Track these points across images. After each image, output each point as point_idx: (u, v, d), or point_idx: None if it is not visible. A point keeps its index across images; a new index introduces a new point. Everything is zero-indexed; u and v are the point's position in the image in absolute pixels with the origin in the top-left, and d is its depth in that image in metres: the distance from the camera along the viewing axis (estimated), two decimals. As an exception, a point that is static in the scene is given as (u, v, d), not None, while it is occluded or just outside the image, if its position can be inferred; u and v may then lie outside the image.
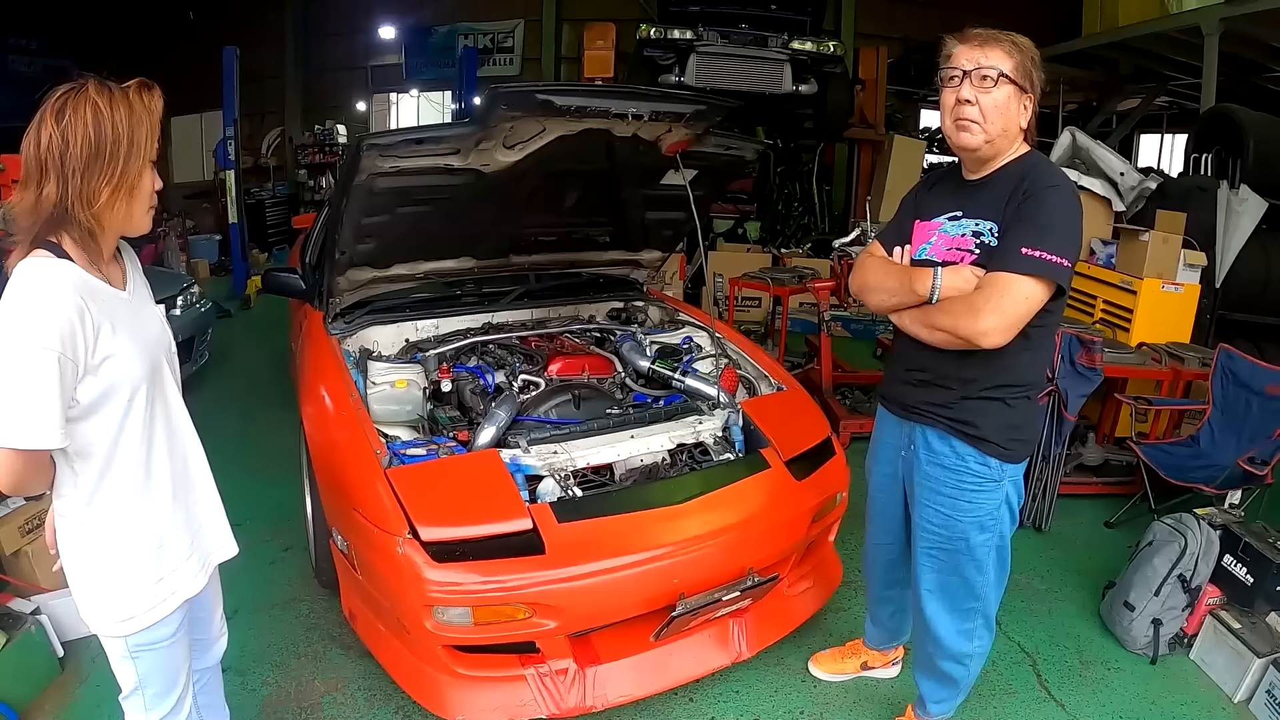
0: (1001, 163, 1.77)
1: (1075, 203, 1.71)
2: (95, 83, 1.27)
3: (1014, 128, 1.73)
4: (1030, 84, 1.72)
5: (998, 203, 1.73)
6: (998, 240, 1.72)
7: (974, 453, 1.82)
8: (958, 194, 1.84)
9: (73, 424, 1.28)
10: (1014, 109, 1.71)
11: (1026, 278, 1.64)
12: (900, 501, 2.05)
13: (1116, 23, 5.60)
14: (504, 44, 11.50)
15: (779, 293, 5.29)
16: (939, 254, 1.81)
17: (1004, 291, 1.65)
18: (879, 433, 2.09)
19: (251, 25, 10.41)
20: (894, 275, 1.87)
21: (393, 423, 2.51)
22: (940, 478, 1.87)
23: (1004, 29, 1.74)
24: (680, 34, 6.17)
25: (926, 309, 1.79)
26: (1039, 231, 1.65)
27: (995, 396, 1.79)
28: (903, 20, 10.46)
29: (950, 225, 1.81)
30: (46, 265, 1.23)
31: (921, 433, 1.89)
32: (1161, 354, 3.80)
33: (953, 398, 1.82)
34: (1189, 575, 2.62)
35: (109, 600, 1.41)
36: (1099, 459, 3.83)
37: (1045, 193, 1.67)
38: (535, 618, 1.90)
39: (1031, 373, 1.82)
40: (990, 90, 1.69)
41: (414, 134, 2.23)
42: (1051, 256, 1.64)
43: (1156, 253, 3.99)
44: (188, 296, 4.80)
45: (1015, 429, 1.82)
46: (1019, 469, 1.88)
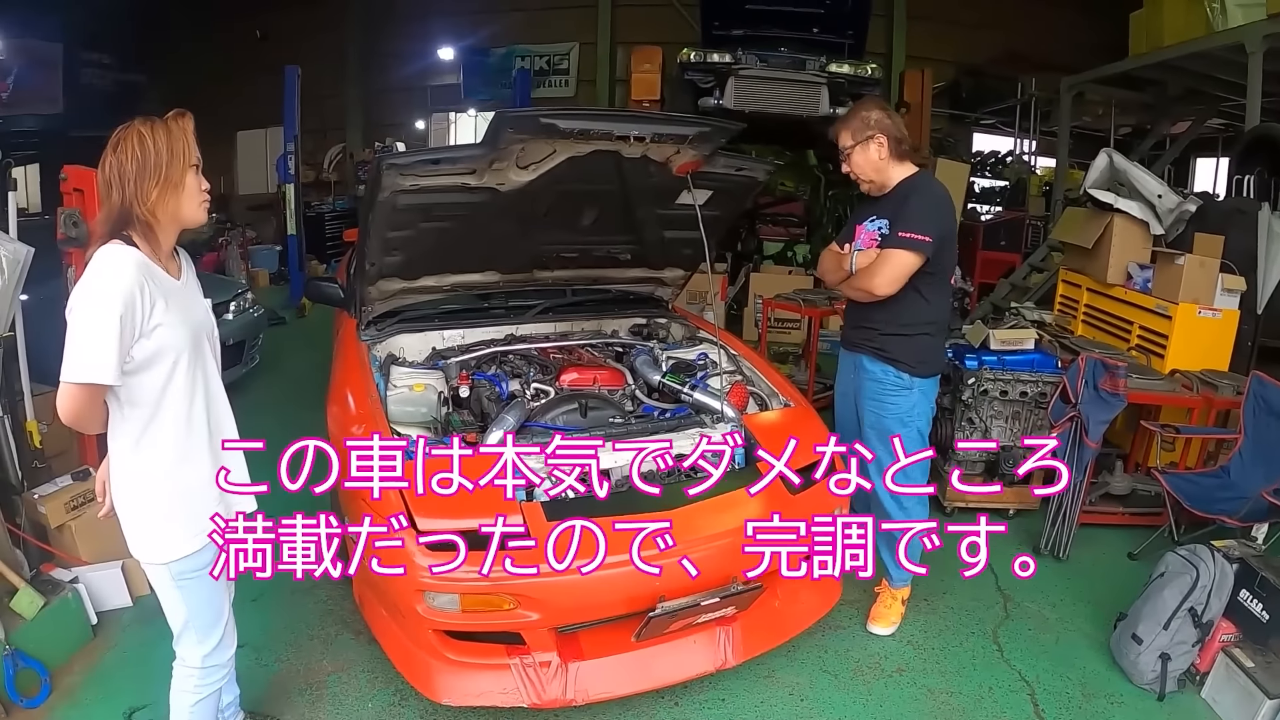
0: (893, 184, 2.65)
1: (935, 201, 2.59)
2: (141, 119, 1.65)
3: (879, 163, 2.62)
4: (867, 133, 2.59)
5: (890, 208, 2.62)
6: (889, 231, 2.58)
7: (891, 369, 2.66)
8: (875, 205, 2.72)
9: (128, 376, 1.60)
10: (871, 155, 2.61)
11: (901, 250, 2.51)
12: (853, 411, 2.84)
13: (1162, 43, 5.48)
14: (559, 66, 11.80)
15: (810, 314, 5.33)
16: (863, 244, 2.68)
17: (887, 260, 2.54)
18: (840, 365, 2.94)
19: (315, 46, 10.91)
20: (835, 260, 2.78)
21: (409, 424, 2.64)
22: (872, 388, 2.72)
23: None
24: (720, 57, 6.29)
25: (851, 278, 2.66)
26: (908, 220, 2.51)
27: (900, 333, 2.65)
28: (954, 44, 10.40)
29: (869, 224, 2.68)
30: (118, 249, 1.58)
31: (860, 359, 2.76)
32: (1194, 381, 3.69)
33: (874, 335, 2.69)
34: (1200, 609, 2.55)
35: (151, 531, 1.72)
36: (1126, 488, 3.74)
37: (912, 197, 2.58)
38: (520, 609, 2.00)
39: (925, 314, 2.64)
40: (850, 158, 2.66)
41: (431, 154, 2.38)
42: (917, 235, 2.49)
43: (1193, 277, 3.88)
44: (240, 302, 5.10)
45: (918, 353, 2.66)
46: (928, 381, 2.71)
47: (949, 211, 2.67)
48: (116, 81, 10.86)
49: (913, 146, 2.77)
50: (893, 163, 2.63)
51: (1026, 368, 3.73)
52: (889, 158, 2.62)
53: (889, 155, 2.61)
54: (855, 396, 2.81)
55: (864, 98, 2.91)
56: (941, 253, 2.59)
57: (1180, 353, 3.96)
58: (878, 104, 2.73)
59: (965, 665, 2.69)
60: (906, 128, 2.73)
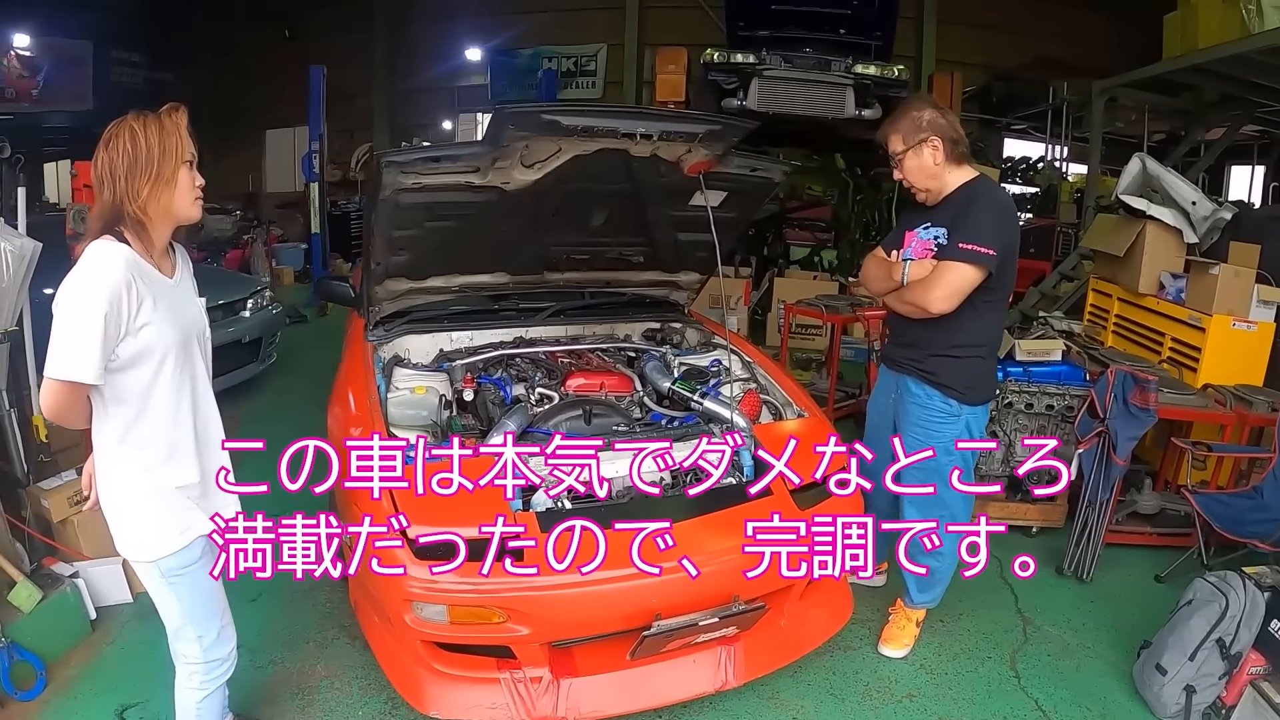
0: (949, 190, 2.45)
1: (999, 211, 2.40)
2: (134, 114, 1.63)
3: (934, 169, 2.41)
4: (920, 136, 2.38)
5: (948, 216, 2.42)
6: (947, 240, 2.39)
7: (937, 395, 2.47)
8: (927, 210, 2.52)
9: (113, 374, 1.58)
10: (926, 161, 2.40)
11: (961, 263, 2.31)
12: (887, 428, 2.64)
13: (1196, 45, 5.30)
14: (586, 67, 11.81)
15: (832, 320, 5.22)
16: (915, 253, 2.48)
17: (946, 273, 2.33)
18: (878, 383, 2.79)
19: (343, 45, 11.04)
20: (883, 268, 2.58)
21: (408, 427, 2.60)
22: (916, 413, 2.53)
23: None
24: (743, 58, 6.19)
25: (901, 290, 2.47)
26: (970, 231, 2.30)
27: (951, 354, 2.46)
28: (986, 48, 10.24)
29: (923, 232, 2.49)
30: (107, 246, 1.57)
31: (904, 381, 2.57)
32: (1227, 396, 3.53)
33: (922, 356, 2.50)
34: (1228, 640, 2.41)
35: (136, 529, 1.70)
36: (1155, 507, 3.58)
37: (975, 205, 2.36)
38: (509, 623, 1.94)
39: (978, 335, 2.47)
40: (902, 164, 2.45)
41: (431, 152, 2.34)
42: (979, 248, 2.28)
43: (1227, 287, 3.74)
44: (258, 299, 5.11)
45: (968, 377, 2.47)
46: (978, 410, 2.53)
47: (1013, 221, 2.47)
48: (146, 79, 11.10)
49: (970, 148, 2.56)
50: (949, 167, 2.41)
51: (1053, 380, 3.60)
52: (945, 162, 2.40)
53: (945, 159, 2.40)
54: (894, 419, 2.63)
55: (913, 96, 2.68)
56: (1004, 267, 2.36)
57: (1213, 366, 3.82)
58: (929, 102, 2.48)
59: (980, 693, 2.58)
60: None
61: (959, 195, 2.42)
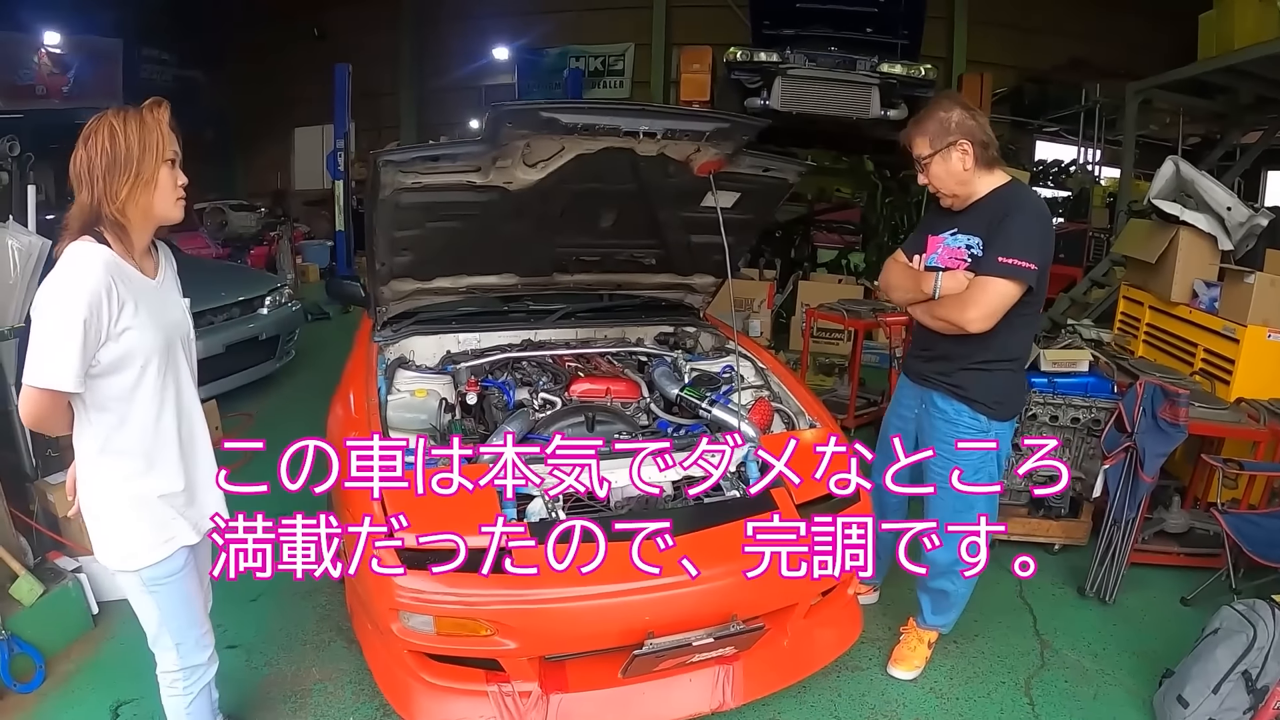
0: (980, 195, 2.29)
1: (1039, 221, 2.24)
2: (114, 109, 1.56)
3: (963, 174, 2.25)
4: (948, 139, 2.22)
5: (981, 223, 2.25)
6: (982, 251, 2.22)
7: (966, 410, 2.35)
8: (955, 215, 2.36)
9: (94, 380, 1.54)
10: (954, 165, 2.24)
11: (1001, 279, 2.15)
12: (908, 440, 2.50)
13: (1232, 46, 5.12)
14: (614, 67, 11.79)
15: (853, 325, 5.11)
16: (943, 261, 2.33)
17: (985, 290, 2.18)
18: (898, 394, 2.64)
19: (371, 44, 11.14)
20: (909, 277, 2.43)
21: (407, 430, 2.56)
22: (943, 429, 2.39)
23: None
24: (766, 56, 6.10)
25: (931, 303, 2.32)
26: (1010, 243, 2.15)
27: (981, 368, 2.32)
28: (1018, 48, 10.05)
29: (950, 239, 2.33)
30: (86, 248, 1.51)
31: (930, 395, 2.43)
32: (1260, 411, 3.37)
33: (951, 369, 2.36)
34: (1255, 673, 2.29)
35: (116, 539, 1.66)
36: (1183, 526, 3.44)
37: (1014, 215, 2.19)
38: (497, 635, 1.89)
39: (1010, 349, 2.33)
40: (928, 169, 2.29)
41: (429, 151, 2.30)
42: (1020, 262, 2.13)
43: (1263, 297, 3.57)
44: (276, 296, 5.14)
45: (998, 392, 2.35)
46: (1005, 426, 2.39)
47: (1052, 231, 2.32)
48: (175, 77, 11.28)
49: (1001, 151, 2.38)
50: (979, 172, 2.25)
51: (1079, 392, 3.46)
52: (975, 167, 2.24)
53: (975, 164, 2.23)
54: (916, 433, 2.51)
55: (940, 95, 2.53)
56: (1040, 279, 2.22)
57: (1247, 379, 3.66)
58: (957, 101, 2.30)
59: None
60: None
61: (992, 202, 2.26)
